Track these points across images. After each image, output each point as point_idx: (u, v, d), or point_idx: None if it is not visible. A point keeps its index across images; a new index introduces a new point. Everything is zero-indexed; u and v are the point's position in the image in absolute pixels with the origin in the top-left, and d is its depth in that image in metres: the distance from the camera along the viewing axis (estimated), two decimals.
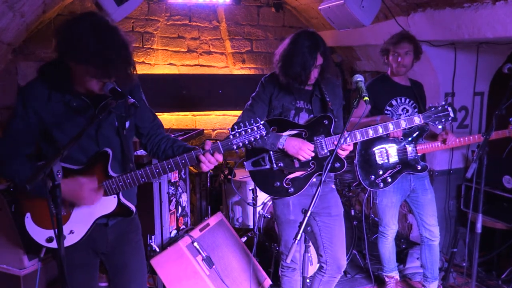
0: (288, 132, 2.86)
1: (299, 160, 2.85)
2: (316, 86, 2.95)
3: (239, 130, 2.08)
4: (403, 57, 3.47)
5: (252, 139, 2.08)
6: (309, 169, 2.88)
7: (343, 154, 2.81)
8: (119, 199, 2.19)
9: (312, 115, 2.93)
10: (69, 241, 2.13)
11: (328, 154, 2.84)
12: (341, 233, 3.04)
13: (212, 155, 2.10)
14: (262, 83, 2.99)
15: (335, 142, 2.80)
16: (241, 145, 2.09)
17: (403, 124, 2.88)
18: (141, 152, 3.81)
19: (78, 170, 2.12)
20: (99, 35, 1.88)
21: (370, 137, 2.85)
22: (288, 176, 2.90)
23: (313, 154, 2.81)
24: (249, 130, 2.08)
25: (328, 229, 3.01)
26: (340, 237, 3.04)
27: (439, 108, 2.91)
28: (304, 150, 2.78)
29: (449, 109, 2.92)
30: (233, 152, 5.17)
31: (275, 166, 2.89)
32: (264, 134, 2.09)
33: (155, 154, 2.35)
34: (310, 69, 2.77)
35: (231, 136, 2.09)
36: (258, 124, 2.08)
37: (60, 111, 2.06)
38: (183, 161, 2.10)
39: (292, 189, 2.89)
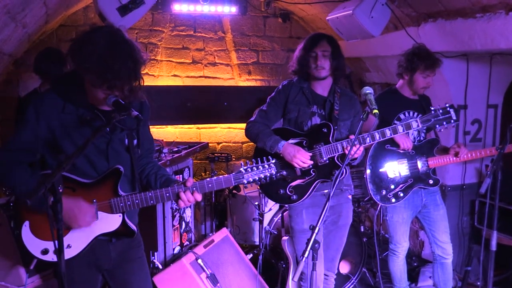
0: (290, 141, 2.93)
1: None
2: (331, 93, 3.03)
3: (251, 166, 2.20)
4: (432, 80, 3.43)
5: (262, 176, 2.19)
6: (308, 177, 2.92)
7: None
8: (123, 219, 2.18)
9: (324, 121, 3.00)
10: (65, 255, 2.06)
11: (328, 162, 2.88)
12: (340, 241, 3.17)
13: (192, 194, 2.14)
14: (281, 87, 3.12)
15: (337, 148, 2.87)
16: (251, 180, 2.19)
17: (400, 129, 2.84)
18: None
19: (87, 183, 2.11)
20: (108, 44, 1.91)
21: (367, 144, 2.86)
22: (290, 184, 2.95)
23: (308, 163, 2.85)
24: (260, 167, 2.20)
25: (329, 236, 3.11)
26: (338, 246, 3.18)
27: (440, 111, 2.84)
28: (298, 158, 2.83)
29: (451, 111, 2.84)
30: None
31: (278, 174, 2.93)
32: (274, 173, 2.20)
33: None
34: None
35: (242, 170, 2.19)
36: (269, 163, 2.21)
37: (72, 123, 2.06)
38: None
39: (294, 196, 2.94)
